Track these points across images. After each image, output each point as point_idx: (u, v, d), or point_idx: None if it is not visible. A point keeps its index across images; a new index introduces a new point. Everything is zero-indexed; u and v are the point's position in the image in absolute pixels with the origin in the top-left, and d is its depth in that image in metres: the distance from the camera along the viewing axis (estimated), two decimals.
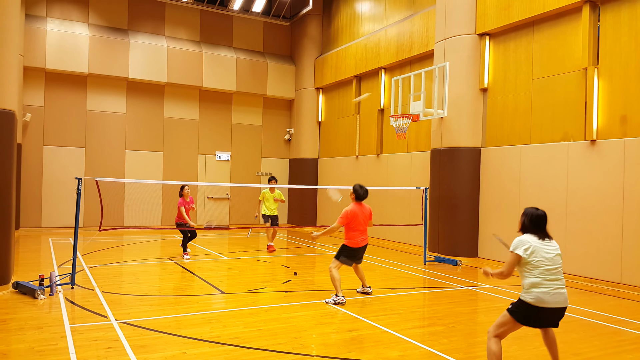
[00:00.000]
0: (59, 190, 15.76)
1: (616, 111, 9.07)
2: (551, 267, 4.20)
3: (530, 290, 4.17)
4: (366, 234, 7.70)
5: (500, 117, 11.34)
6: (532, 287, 4.16)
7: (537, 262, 4.18)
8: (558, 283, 4.19)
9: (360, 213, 7.65)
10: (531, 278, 4.18)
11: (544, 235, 4.32)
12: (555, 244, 4.31)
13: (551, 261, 4.21)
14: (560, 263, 4.27)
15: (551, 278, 4.17)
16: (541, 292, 4.14)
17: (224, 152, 18.56)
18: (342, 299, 7.21)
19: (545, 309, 4.16)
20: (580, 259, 9.48)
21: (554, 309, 4.20)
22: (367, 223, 7.74)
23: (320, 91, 18.86)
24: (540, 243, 4.25)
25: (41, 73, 15.62)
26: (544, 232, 4.34)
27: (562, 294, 4.20)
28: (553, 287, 4.17)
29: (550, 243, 4.29)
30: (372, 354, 5.15)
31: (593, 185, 9.29)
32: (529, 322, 4.26)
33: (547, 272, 4.17)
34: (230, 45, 18.59)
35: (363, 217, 7.66)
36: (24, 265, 9.72)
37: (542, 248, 4.23)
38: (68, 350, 5.00)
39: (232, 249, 12.90)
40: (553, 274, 4.19)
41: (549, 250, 4.24)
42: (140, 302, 7.12)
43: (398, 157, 14.62)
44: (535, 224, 4.35)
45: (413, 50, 13.86)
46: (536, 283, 4.16)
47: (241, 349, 5.21)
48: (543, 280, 4.16)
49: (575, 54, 9.79)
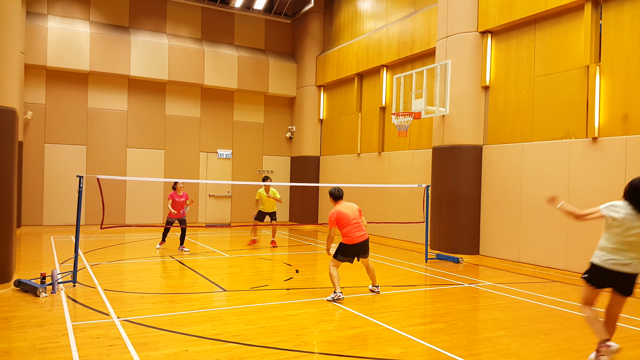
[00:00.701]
0: (61, 188, 15.78)
1: (618, 109, 9.05)
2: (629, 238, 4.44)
3: (597, 253, 4.61)
4: (362, 228, 7.63)
5: (501, 115, 11.32)
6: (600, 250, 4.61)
7: (616, 230, 4.47)
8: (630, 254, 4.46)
9: (346, 210, 7.64)
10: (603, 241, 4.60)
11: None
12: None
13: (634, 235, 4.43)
14: None
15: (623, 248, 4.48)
16: (605, 256, 4.56)
17: (226, 150, 18.56)
18: (339, 295, 7.23)
19: (611, 272, 4.51)
20: (581, 257, 9.46)
21: (618, 273, 4.52)
22: (359, 217, 7.70)
23: (322, 89, 18.84)
24: (630, 214, 4.48)
25: (42, 71, 15.63)
26: None
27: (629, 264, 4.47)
28: (621, 258, 4.49)
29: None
30: (374, 351, 5.15)
31: (594, 183, 9.27)
32: (599, 284, 4.63)
33: (619, 239, 4.47)
34: (231, 42, 18.58)
35: (352, 212, 7.64)
36: (25, 263, 9.74)
37: (628, 219, 4.45)
38: (70, 347, 5.01)
39: (233, 247, 12.91)
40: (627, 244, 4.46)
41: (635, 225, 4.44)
42: (142, 300, 7.13)
43: (399, 154, 14.61)
44: (632, 194, 4.59)
45: (415, 48, 13.84)
46: (606, 247, 4.59)
47: (243, 346, 5.22)
48: (612, 246, 4.52)
49: (577, 52, 9.76)
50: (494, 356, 5.10)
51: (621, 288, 4.64)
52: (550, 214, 10.02)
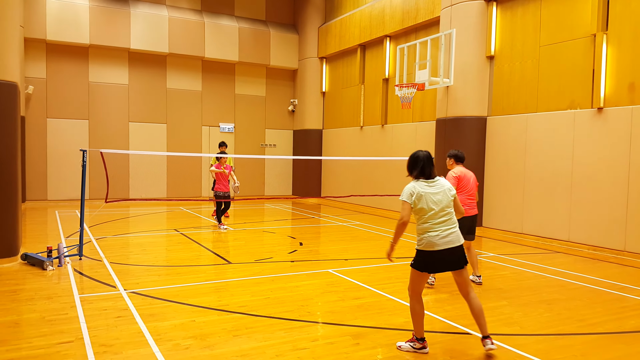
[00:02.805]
0: (64, 162, 15.80)
1: (624, 78, 8.93)
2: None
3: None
4: (475, 203, 6.86)
5: (506, 85, 11.20)
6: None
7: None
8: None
9: (468, 175, 6.83)
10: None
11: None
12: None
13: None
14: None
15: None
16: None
17: (228, 124, 18.49)
18: (431, 279, 6.69)
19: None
20: (585, 228, 9.48)
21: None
22: (475, 189, 6.89)
23: (324, 61, 18.63)
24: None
25: (42, 44, 15.47)
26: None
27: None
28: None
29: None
30: (378, 321, 5.21)
31: (599, 154, 9.23)
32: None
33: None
34: (232, 14, 18.30)
35: (472, 180, 6.86)
36: (31, 238, 9.83)
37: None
38: (78, 319, 5.08)
39: (237, 220, 12.98)
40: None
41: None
42: (148, 273, 7.20)
43: (403, 127, 14.53)
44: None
45: (419, 17, 13.61)
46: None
47: (249, 316, 5.29)
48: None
49: (584, 20, 9.59)
50: (497, 325, 5.16)
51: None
52: (554, 185, 10.01)
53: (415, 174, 4.46)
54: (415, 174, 4.47)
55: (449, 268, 4.40)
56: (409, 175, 4.55)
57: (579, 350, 4.54)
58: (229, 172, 11.47)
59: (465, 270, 4.43)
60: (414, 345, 4.39)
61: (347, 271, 7.43)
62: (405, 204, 4.33)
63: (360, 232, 11.35)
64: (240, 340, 4.60)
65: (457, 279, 4.48)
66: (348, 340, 4.65)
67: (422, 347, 4.37)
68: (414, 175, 4.48)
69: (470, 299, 4.43)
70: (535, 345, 4.58)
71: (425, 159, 4.45)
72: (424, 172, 4.42)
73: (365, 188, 15.78)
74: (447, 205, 4.39)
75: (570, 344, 4.71)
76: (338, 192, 17.28)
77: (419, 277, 4.42)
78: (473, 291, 4.46)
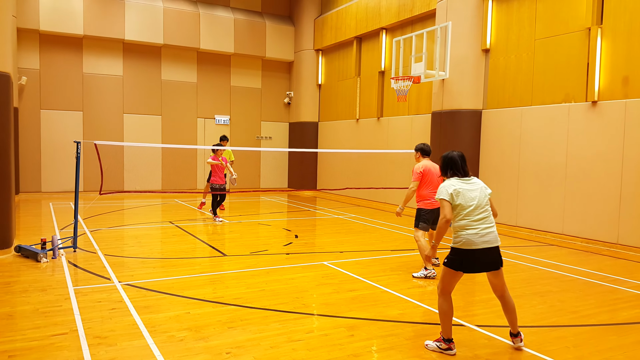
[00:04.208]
0: (58, 154, 15.72)
1: (618, 72, 8.95)
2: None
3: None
4: None
5: (502, 78, 11.20)
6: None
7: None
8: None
9: (433, 169, 6.95)
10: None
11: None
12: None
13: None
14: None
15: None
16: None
17: (223, 116, 18.43)
18: (431, 272, 6.75)
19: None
20: (578, 220, 9.54)
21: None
22: None
23: (320, 53, 18.57)
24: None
25: (35, 35, 15.34)
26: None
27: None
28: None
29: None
30: (373, 313, 5.24)
31: (593, 147, 9.26)
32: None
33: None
34: (227, 5, 18.19)
35: (437, 174, 6.88)
36: (25, 229, 9.79)
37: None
38: (72, 311, 5.08)
39: (232, 213, 12.98)
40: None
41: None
42: (142, 265, 7.20)
43: (399, 120, 14.52)
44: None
45: (415, 9, 13.58)
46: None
47: (244, 308, 5.30)
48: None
49: (578, 14, 9.59)
50: (490, 317, 5.19)
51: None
52: (548, 179, 10.04)
53: (450, 173, 4.46)
54: (450, 174, 4.46)
55: (486, 269, 4.30)
56: (443, 176, 4.53)
57: (571, 341, 4.58)
58: (226, 164, 11.44)
59: (501, 271, 4.35)
60: (440, 346, 4.27)
61: (342, 263, 7.45)
62: (444, 201, 4.27)
63: (355, 225, 11.37)
64: (235, 332, 4.61)
65: (492, 280, 4.38)
66: (343, 332, 4.67)
67: (449, 348, 4.24)
68: (449, 175, 4.47)
69: (505, 299, 4.40)
70: (529, 337, 4.62)
71: (459, 158, 4.48)
72: (460, 171, 4.42)
73: (361, 181, 15.79)
74: (485, 203, 4.34)
75: (564, 335, 4.75)
76: (334, 185, 17.28)
77: (453, 276, 4.29)
78: (507, 291, 4.42)
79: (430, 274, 6.73)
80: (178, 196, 16.36)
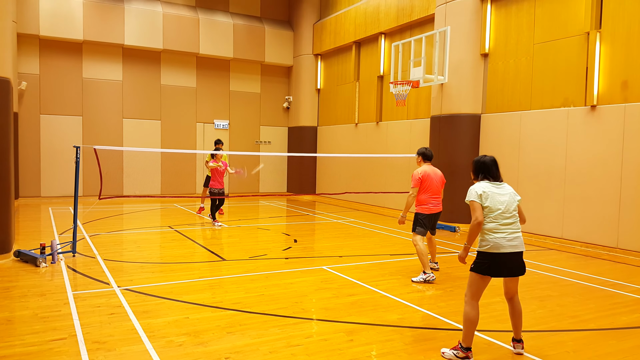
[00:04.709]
0: (58, 159, 15.72)
1: (617, 76, 8.98)
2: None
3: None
4: (440, 199, 6.99)
5: (500, 83, 11.23)
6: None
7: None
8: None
9: (433, 174, 6.94)
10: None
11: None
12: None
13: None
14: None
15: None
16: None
17: (223, 121, 18.45)
18: (430, 276, 6.73)
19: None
20: (578, 225, 9.54)
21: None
22: (441, 187, 7.04)
23: (319, 58, 18.61)
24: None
25: (35, 40, 15.37)
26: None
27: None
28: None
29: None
30: (372, 317, 5.23)
31: (592, 151, 9.27)
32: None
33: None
34: (226, 10, 18.24)
35: (437, 179, 6.97)
36: (24, 234, 9.78)
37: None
38: (71, 316, 5.07)
39: (232, 217, 12.97)
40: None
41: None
42: (141, 270, 7.19)
43: (398, 124, 14.54)
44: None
45: (414, 14, 13.62)
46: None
47: (243, 313, 5.29)
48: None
49: (577, 18, 9.62)
50: (490, 322, 5.18)
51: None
52: (548, 183, 10.05)
53: (481, 177, 4.38)
54: (480, 177, 4.38)
55: (512, 273, 4.23)
56: (474, 179, 4.46)
57: (571, 346, 4.57)
58: (225, 168, 11.44)
59: (518, 278, 4.34)
60: (457, 354, 4.16)
61: (341, 268, 7.44)
62: (475, 203, 4.19)
63: (354, 229, 11.36)
64: (233, 337, 4.60)
65: (508, 284, 4.36)
66: (342, 337, 4.66)
67: (466, 357, 4.15)
68: (480, 178, 4.39)
69: (514, 303, 4.39)
70: (528, 342, 4.61)
71: (491, 163, 4.38)
72: (492, 175, 4.33)
73: (360, 185, 15.80)
74: (514, 209, 4.25)
75: (563, 340, 4.74)
76: (333, 189, 17.29)
77: (481, 281, 4.20)
78: (517, 296, 4.42)
79: (429, 278, 6.73)
80: (177, 201, 16.35)
